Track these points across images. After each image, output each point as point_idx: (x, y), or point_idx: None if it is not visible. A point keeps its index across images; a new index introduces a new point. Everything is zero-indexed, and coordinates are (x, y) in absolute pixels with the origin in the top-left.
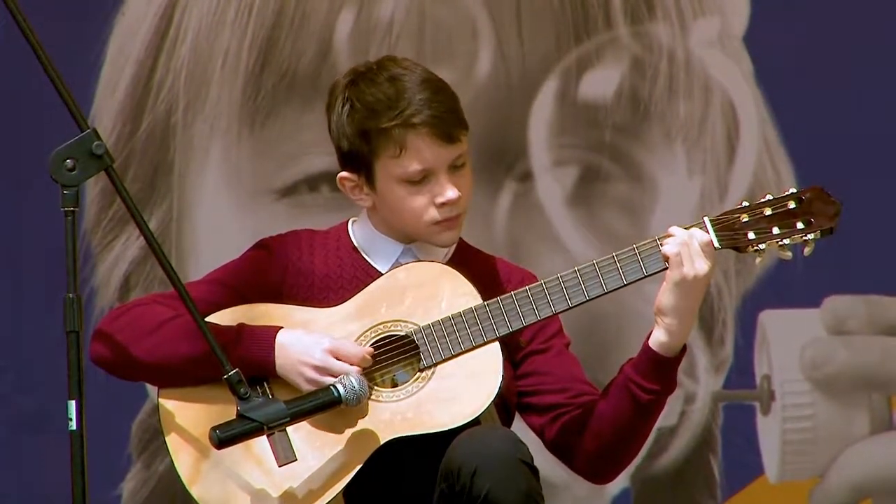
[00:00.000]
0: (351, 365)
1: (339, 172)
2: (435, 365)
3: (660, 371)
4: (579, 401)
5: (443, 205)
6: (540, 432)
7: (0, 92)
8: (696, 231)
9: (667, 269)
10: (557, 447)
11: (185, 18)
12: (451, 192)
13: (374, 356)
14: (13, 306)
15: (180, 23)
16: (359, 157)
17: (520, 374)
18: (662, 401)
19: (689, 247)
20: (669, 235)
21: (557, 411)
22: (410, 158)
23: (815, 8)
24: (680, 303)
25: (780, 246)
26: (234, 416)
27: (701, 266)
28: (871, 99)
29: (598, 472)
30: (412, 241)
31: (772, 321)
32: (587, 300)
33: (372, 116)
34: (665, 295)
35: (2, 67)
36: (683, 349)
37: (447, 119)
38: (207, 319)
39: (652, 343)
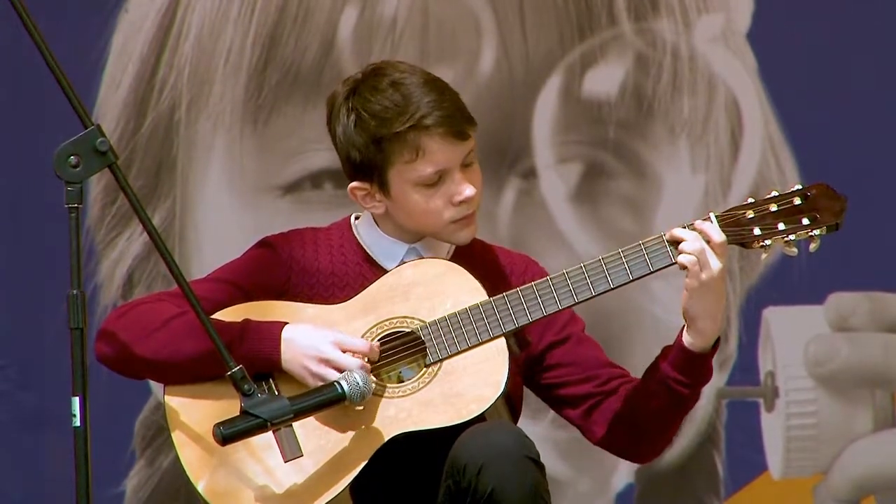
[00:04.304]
0: (358, 358)
1: (347, 180)
2: (441, 361)
3: (696, 366)
4: (609, 387)
5: (460, 203)
6: (577, 424)
7: (4, 88)
8: (709, 231)
9: (673, 264)
10: (600, 441)
11: (188, 15)
12: (468, 191)
13: (378, 347)
14: (15, 303)
15: (183, 19)
16: (371, 166)
17: (543, 368)
18: (700, 390)
19: (704, 252)
20: (679, 239)
21: (590, 402)
22: (426, 161)
23: (819, 4)
24: (706, 305)
25: (786, 242)
26: (239, 413)
27: (716, 266)
28: (875, 96)
29: (641, 455)
30: (418, 241)
31: (775, 318)
32: (593, 296)
33: (383, 124)
34: (689, 302)
35: (6, 64)
36: (717, 341)
37: (457, 117)
38: (213, 317)
39: (685, 343)
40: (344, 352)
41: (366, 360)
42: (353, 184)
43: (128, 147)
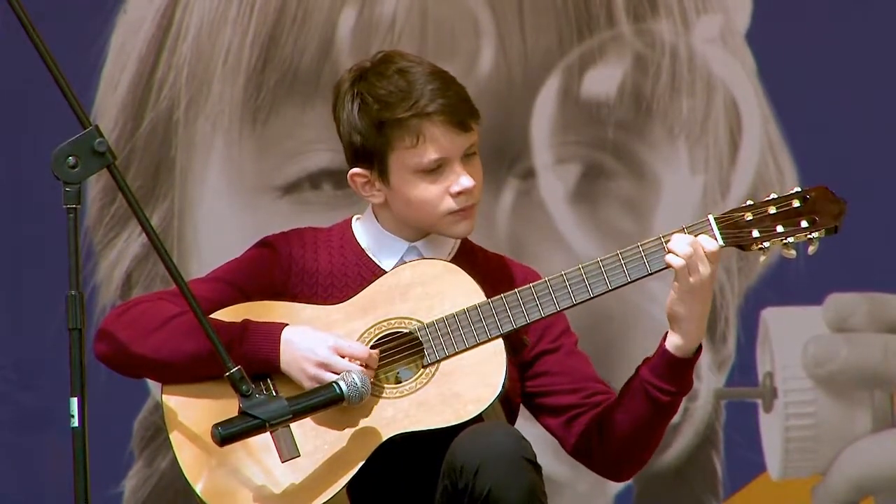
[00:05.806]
0: (356, 363)
1: (348, 170)
2: (438, 362)
3: (677, 372)
4: (593, 400)
5: (458, 194)
6: (556, 433)
7: (2, 89)
8: (703, 239)
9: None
10: (575, 449)
11: (186, 16)
12: (466, 181)
13: (378, 355)
14: (15, 303)
15: (182, 20)
16: (372, 151)
17: (531, 375)
18: (680, 400)
19: (695, 255)
20: (673, 237)
21: (572, 412)
22: (426, 148)
23: (818, 4)
24: (692, 308)
25: (785, 244)
26: (237, 413)
27: (705, 271)
28: (874, 96)
29: (619, 471)
30: (418, 239)
31: (774, 318)
32: (591, 297)
33: (386, 108)
34: (675, 304)
35: (4, 64)
36: (699, 349)
37: (461, 107)
38: (212, 317)
39: (668, 346)
40: (342, 357)
41: (364, 365)
42: (354, 170)
43: (126, 147)
